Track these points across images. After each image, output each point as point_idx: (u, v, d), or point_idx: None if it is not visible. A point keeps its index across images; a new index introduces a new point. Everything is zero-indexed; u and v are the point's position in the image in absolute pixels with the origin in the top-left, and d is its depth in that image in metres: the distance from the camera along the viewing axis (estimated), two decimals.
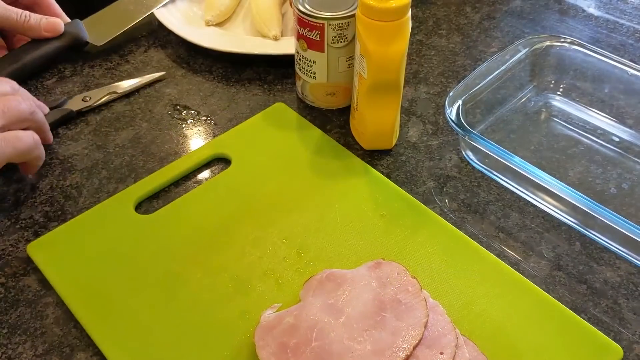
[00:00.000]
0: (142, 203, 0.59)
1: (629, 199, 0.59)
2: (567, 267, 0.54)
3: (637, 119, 0.66)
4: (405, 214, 0.57)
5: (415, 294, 0.48)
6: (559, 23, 0.81)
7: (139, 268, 0.53)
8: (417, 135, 0.66)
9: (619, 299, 0.52)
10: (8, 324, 0.50)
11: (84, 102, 0.69)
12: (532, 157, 0.63)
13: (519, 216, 0.58)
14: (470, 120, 0.63)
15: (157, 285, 0.52)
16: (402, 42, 0.56)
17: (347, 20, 0.61)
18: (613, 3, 0.85)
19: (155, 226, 0.56)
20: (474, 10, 0.84)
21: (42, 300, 0.52)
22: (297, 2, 0.62)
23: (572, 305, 0.51)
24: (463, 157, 0.63)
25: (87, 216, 0.57)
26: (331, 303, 0.48)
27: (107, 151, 0.65)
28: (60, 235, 0.56)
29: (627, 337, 0.50)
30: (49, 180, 0.62)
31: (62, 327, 0.50)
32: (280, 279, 0.52)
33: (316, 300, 0.48)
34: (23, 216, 0.59)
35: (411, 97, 0.71)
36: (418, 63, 0.75)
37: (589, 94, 0.68)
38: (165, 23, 0.77)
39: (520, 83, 0.69)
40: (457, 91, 0.62)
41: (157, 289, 0.52)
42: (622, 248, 0.54)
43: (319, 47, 0.63)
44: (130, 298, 0.51)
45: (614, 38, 0.79)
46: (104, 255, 0.54)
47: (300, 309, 0.48)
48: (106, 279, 0.52)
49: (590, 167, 0.62)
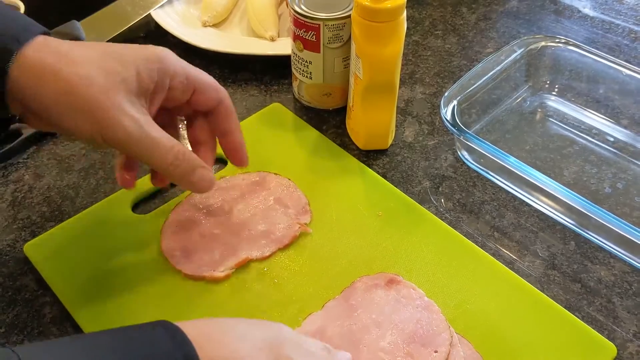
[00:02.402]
0: (139, 203, 0.59)
1: (623, 198, 0.59)
2: (562, 266, 0.55)
3: (632, 119, 0.66)
4: (401, 213, 0.57)
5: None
6: (554, 24, 0.82)
7: (136, 267, 0.53)
8: (413, 136, 0.67)
9: (613, 297, 0.52)
10: (5, 324, 0.51)
11: None
12: (528, 157, 0.63)
13: (514, 216, 0.59)
14: (466, 121, 0.63)
15: (153, 284, 0.52)
16: (397, 43, 0.57)
17: (342, 21, 0.61)
18: (608, 4, 0.85)
19: (152, 226, 0.56)
20: (470, 11, 0.84)
21: (39, 299, 0.52)
22: (294, 3, 0.62)
23: (566, 304, 0.51)
24: (458, 157, 0.64)
25: (84, 216, 0.57)
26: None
27: (104, 151, 0.65)
28: (57, 235, 0.56)
29: (621, 336, 0.50)
30: (46, 181, 0.62)
31: (59, 326, 0.51)
32: (276, 278, 0.53)
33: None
34: (20, 216, 0.59)
35: (407, 98, 0.71)
36: (414, 63, 0.76)
37: (584, 94, 0.69)
38: (162, 24, 0.77)
39: (515, 83, 0.69)
40: (453, 91, 0.62)
41: (154, 288, 0.52)
42: (617, 247, 0.55)
43: (315, 48, 0.63)
44: (127, 297, 0.51)
45: (610, 38, 0.79)
46: (101, 254, 0.54)
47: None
48: (103, 278, 0.52)
49: (585, 167, 0.62)
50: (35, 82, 0.42)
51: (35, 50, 0.42)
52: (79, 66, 0.42)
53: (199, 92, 0.48)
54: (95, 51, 0.44)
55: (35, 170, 0.63)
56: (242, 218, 0.56)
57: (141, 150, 0.44)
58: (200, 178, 0.47)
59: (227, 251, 0.53)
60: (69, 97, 0.42)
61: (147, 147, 0.44)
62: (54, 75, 0.42)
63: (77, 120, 0.42)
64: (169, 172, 0.46)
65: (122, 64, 0.44)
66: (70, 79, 0.42)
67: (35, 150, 0.65)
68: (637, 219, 0.57)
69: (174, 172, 0.46)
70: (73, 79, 0.42)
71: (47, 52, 0.42)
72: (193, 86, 0.48)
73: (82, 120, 0.42)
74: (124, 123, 0.42)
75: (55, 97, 0.42)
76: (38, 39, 0.43)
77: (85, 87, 0.42)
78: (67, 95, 0.42)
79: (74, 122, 0.42)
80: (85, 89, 0.42)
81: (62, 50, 0.43)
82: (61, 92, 0.42)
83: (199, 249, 0.54)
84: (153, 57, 0.45)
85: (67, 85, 0.42)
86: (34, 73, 0.42)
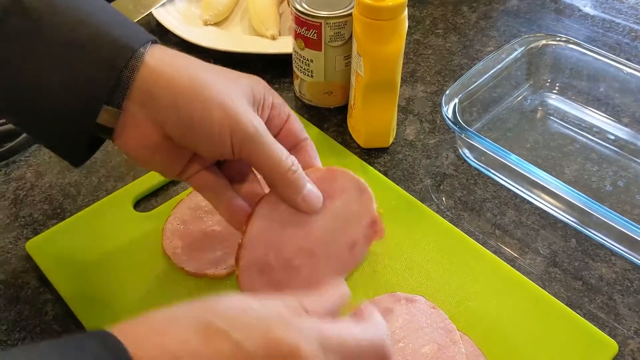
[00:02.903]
0: (141, 201, 0.60)
1: (624, 196, 0.59)
2: (563, 263, 0.55)
3: (633, 117, 0.66)
4: (402, 211, 0.57)
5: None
6: (555, 22, 0.82)
7: (138, 265, 0.53)
8: (414, 134, 0.67)
9: (614, 294, 0.52)
10: (7, 321, 0.51)
11: None
12: (529, 155, 0.64)
13: (515, 213, 0.59)
14: (467, 119, 0.64)
15: (155, 281, 0.52)
16: (398, 41, 0.57)
17: (344, 19, 0.61)
18: (609, 2, 0.85)
19: (153, 224, 0.56)
20: (471, 10, 0.84)
21: (41, 297, 0.52)
22: (295, 1, 0.62)
23: (567, 301, 0.52)
24: (460, 155, 0.64)
25: (86, 214, 0.58)
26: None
27: (105, 150, 0.65)
28: (59, 232, 0.56)
29: (622, 333, 0.50)
30: (48, 179, 0.62)
31: (61, 323, 0.51)
32: None
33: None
34: (22, 214, 0.59)
35: (408, 96, 0.71)
36: (415, 62, 0.76)
37: (584, 92, 0.69)
38: (163, 22, 0.77)
39: (516, 82, 0.69)
40: (454, 89, 0.62)
41: (156, 286, 0.52)
42: (618, 244, 0.55)
43: (316, 46, 0.63)
44: (129, 295, 0.51)
45: (610, 37, 0.79)
46: (103, 252, 0.54)
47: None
48: (105, 275, 0.53)
49: (586, 165, 0.63)
50: (168, 78, 0.42)
51: (162, 52, 0.43)
52: (204, 69, 0.44)
53: (291, 121, 0.48)
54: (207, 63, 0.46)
55: (37, 168, 0.63)
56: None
57: (264, 149, 0.44)
58: (311, 190, 0.46)
59: (229, 248, 0.53)
60: (203, 90, 0.42)
61: (270, 147, 0.44)
62: (186, 70, 0.43)
63: (210, 111, 0.42)
64: (285, 178, 0.44)
65: (236, 76, 0.46)
66: (200, 76, 0.43)
67: (36, 148, 0.65)
68: (638, 216, 0.57)
69: (291, 177, 0.45)
70: (202, 76, 0.43)
71: (172, 54, 0.44)
72: (288, 112, 0.48)
73: (214, 111, 0.42)
74: (252, 120, 0.43)
75: (187, 91, 0.42)
76: (155, 45, 0.44)
77: (215, 84, 0.43)
78: (201, 88, 0.42)
79: (208, 113, 0.42)
80: (217, 87, 0.43)
81: (182, 55, 0.45)
82: (195, 85, 0.42)
83: (201, 246, 0.54)
84: (256, 78, 0.47)
85: (198, 80, 0.43)
86: (166, 70, 0.42)
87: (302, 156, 0.48)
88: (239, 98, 0.43)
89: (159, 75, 0.42)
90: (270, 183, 0.46)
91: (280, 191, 0.45)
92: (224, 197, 0.47)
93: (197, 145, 0.44)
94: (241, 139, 0.43)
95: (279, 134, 0.48)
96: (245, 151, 0.44)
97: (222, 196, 0.47)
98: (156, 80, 0.42)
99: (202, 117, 0.42)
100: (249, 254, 0.46)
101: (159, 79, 0.42)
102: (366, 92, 0.60)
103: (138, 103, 0.42)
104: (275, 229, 0.46)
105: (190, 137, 0.43)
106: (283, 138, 0.48)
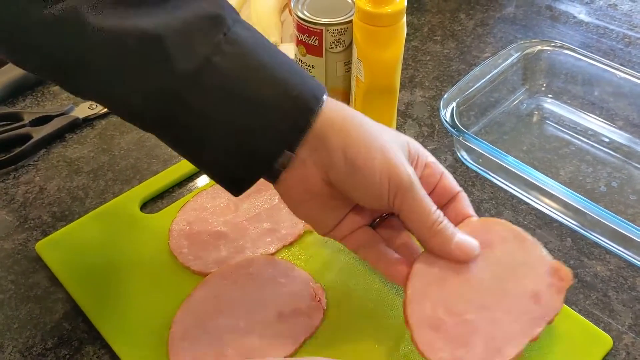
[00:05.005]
0: (147, 203, 0.61)
1: (618, 196, 0.61)
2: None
3: (626, 120, 0.68)
4: None
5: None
6: (550, 29, 0.84)
7: (145, 265, 0.55)
8: (413, 137, 0.67)
9: (608, 291, 0.54)
10: (19, 319, 0.52)
11: (90, 110, 0.71)
12: (525, 157, 0.65)
13: (512, 213, 0.60)
14: (465, 122, 0.65)
15: (162, 281, 0.54)
16: (397, 47, 0.59)
17: (344, 26, 0.63)
18: (603, 9, 0.87)
19: (160, 225, 0.58)
20: (468, 17, 0.86)
21: (51, 296, 0.54)
22: (297, 9, 0.64)
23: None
24: (458, 157, 0.65)
25: (94, 216, 0.59)
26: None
27: (112, 154, 0.66)
28: (68, 234, 0.57)
29: (617, 328, 0.51)
30: (57, 182, 0.64)
31: (71, 321, 0.52)
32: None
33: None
34: (32, 216, 0.60)
35: (407, 101, 0.73)
36: (414, 68, 0.77)
37: (579, 96, 0.70)
38: None
39: (512, 86, 0.71)
40: (452, 94, 0.64)
41: (163, 285, 0.53)
42: (612, 243, 0.56)
43: (317, 52, 0.65)
44: (136, 293, 0.53)
45: (604, 43, 0.81)
46: (111, 252, 0.56)
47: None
48: (113, 275, 0.54)
49: (581, 167, 0.64)
50: (341, 123, 0.44)
51: (330, 99, 0.45)
52: (368, 120, 0.46)
53: (444, 178, 0.49)
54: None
55: (45, 172, 0.65)
56: (247, 216, 0.57)
57: (416, 199, 0.44)
58: (463, 237, 0.46)
59: (234, 248, 0.55)
60: (369, 137, 0.44)
61: (422, 199, 0.45)
62: (354, 118, 0.44)
63: (373, 157, 0.43)
64: (432, 229, 0.45)
65: (396, 132, 0.47)
66: (367, 125, 0.45)
67: (45, 152, 0.67)
68: (632, 215, 0.59)
69: (438, 227, 0.45)
70: (369, 126, 0.45)
71: (338, 102, 0.45)
72: (441, 170, 0.49)
73: (377, 157, 0.43)
74: (408, 170, 0.44)
75: (355, 136, 0.43)
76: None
77: (380, 134, 0.45)
78: (368, 134, 0.44)
79: (370, 158, 0.43)
80: (382, 137, 0.44)
81: (345, 105, 0.46)
82: (362, 131, 0.44)
83: (206, 246, 0.55)
84: (411, 138, 0.48)
85: (365, 127, 0.44)
86: (339, 116, 0.44)
87: (456, 207, 0.48)
88: (398, 150, 0.45)
89: (333, 122, 0.43)
90: (420, 237, 0.46)
91: (431, 244, 0.46)
92: (383, 254, 0.48)
93: (356, 189, 0.44)
94: (397, 186, 0.44)
95: (432, 192, 0.48)
96: (398, 200, 0.44)
97: (381, 253, 0.48)
98: (331, 125, 0.43)
99: (365, 161, 0.43)
100: (418, 310, 0.45)
101: (334, 125, 0.43)
102: (366, 96, 0.62)
103: (310, 149, 0.43)
104: (438, 283, 0.45)
105: (352, 181, 0.44)
106: (437, 195, 0.48)
